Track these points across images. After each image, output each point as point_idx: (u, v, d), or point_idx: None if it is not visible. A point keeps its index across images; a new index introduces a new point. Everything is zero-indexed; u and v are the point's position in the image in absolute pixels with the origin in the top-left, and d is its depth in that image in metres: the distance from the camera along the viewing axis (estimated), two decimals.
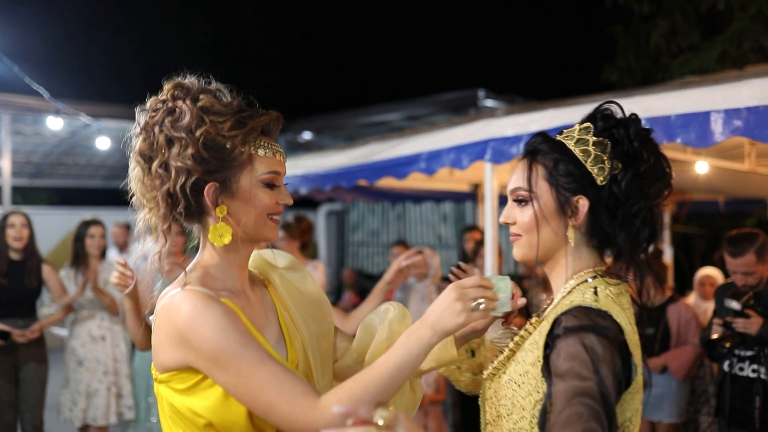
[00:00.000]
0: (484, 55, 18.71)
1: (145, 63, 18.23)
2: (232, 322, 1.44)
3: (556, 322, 1.40)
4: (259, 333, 1.53)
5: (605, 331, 1.34)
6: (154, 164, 1.49)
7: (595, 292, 1.44)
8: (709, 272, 5.80)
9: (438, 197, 8.88)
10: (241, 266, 1.61)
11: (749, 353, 3.76)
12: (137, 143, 1.52)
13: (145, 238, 1.56)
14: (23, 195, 11.92)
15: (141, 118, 1.54)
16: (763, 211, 8.40)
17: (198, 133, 1.47)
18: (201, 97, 1.51)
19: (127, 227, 7.45)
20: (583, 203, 1.48)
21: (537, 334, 1.45)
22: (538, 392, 1.39)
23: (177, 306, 1.45)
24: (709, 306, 5.40)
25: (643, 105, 3.44)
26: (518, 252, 1.56)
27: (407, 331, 1.45)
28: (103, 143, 8.21)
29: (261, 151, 1.54)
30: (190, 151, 1.46)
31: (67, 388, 5.14)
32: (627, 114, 1.53)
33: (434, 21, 20.45)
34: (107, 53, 18.09)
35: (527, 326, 1.51)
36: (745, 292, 3.78)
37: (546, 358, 1.39)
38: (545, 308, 1.57)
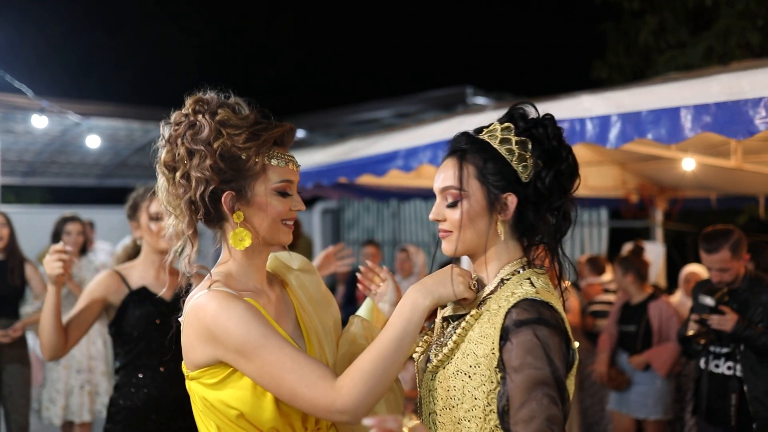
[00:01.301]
0: (475, 52, 18.73)
1: (141, 61, 18.29)
2: (254, 316, 1.54)
3: (507, 315, 1.48)
4: (280, 327, 1.64)
5: (551, 321, 1.46)
6: (177, 174, 1.62)
7: (532, 284, 1.55)
8: (694, 269, 5.79)
9: (432, 195, 8.86)
10: (260, 268, 1.73)
11: (725, 350, 3.75)
12: (162, 154, 1.66)
13: (175, 241, 1.70)
14: (16, 193, 11.93)
15: (165, 131, 1.67)
16: (755, 208, 8.38)
17: (215, 145, 1.59)
18: (219, 111, 1.62)
19: (90, 225, 7.36)
20: (511, 200, 1.58)
21: (487, 326, 1.52)
22: (492, 382, 1.47)
23: (204, 305, 1.57)
24: None
25: (615, 101, 3.45)
26: (449, 248, 1.63)
27: (401, 302, 1.54)
28: (93, 141, 8.20)
29: (274, 161, 1.65)
30: (208, 162, 1.59)
31: (44, 387, 5.15)
32: (541, 114, 1.63)
33: (424, 18, 20.46)
34: (102, 52, 18.10)
35: (468, 318, 1.57)
36: (720, 288, 3.76)
37: (500, 350, 1.47)
38: (480, 299, 1.63)
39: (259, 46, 19.58)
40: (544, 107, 3.85)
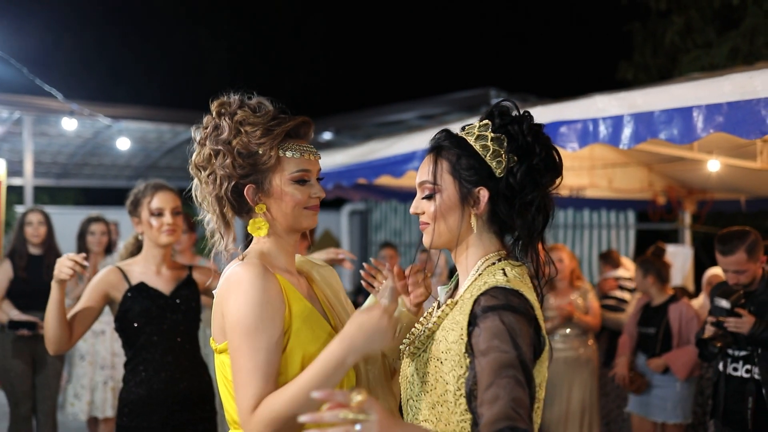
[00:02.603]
0: (499, 53, 18.61)
1: (171, 65, 18.56)
2: (267, 305, 1.64)
3: (476, 302, 1.52)
4: (308, 301, 1.76)
5: (519, 308, 1.49)
6: (205, 174, 1.78)
7: (504, 273, 1.58)
8: (717, 272, 5.70)
9: None
10: (289, 252, 1.85)
11: (743, 353, 3.70)
12: (194, 156, 1.81)
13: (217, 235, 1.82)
14: (50, 195, 12.19)
15: (197, 134, 1.83)
16: None
17: (234, 143, 1.73)
18: (238, 112, 1.76)
19: (115, 225, 7.48)
20: (483, 194, 1.62)
21: (458, 313, 1.57)
22: (461, 367, 1.50)
23: (235, 272, 1.68)
24: None
25: (628, 101, 3.44)
26: (427, 239, 1.70)
27: (330, 351, 1.56)
28: (123, 144, 8.39)
29: (289, 153, 1.77)
30: (228, 160, 1.73)
31: (70, 382, 5.28)
32: (521, 112, 1.66)
33: (449, 21, 20.44)
34: (133, 56, 18.41)
35: (444, 307, 1.63)
36: (736, 291, 3.71)
37: (469, 335, 1.51)
38: (457, 290, 1.70)
39: (288, 49, 19.76)
40: (560, 108, 3.89)
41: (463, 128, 1.71)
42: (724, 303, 3.69)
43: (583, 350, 5.48)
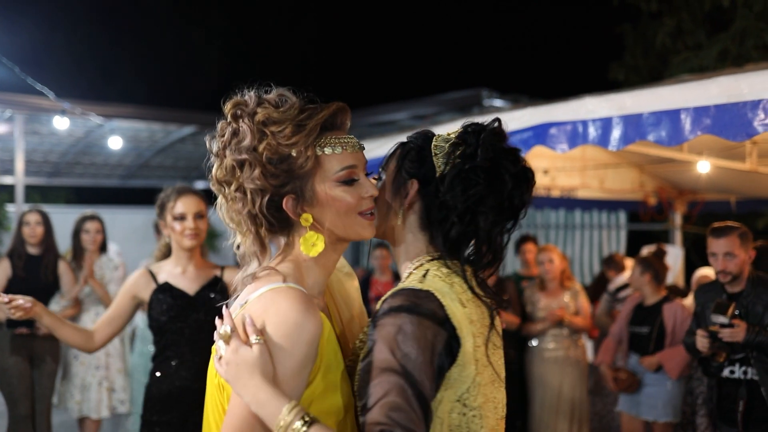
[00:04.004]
0: (491, 54, 18.71)
1: (163, 64, 18.53)
2: (298, 356, 1.37)
3: (383, 303, 1.45)
4: (335, 337, 1.50)
5: (418, 309, 1.40)
6: (232, 189, 1.48)
7: (424, 275, 1.49)
8: (706, 272, 5.74)
9: None
10: (329, 269, 1.57)
11: (739, 355, 3.71)
12: (214, 170, 1.51)
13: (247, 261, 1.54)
14: (42, 194, 12.14)
15: (213, 145, 1.52)
16: None
17: (261, 149, 1.43)
18: (258, 110, 1.46)
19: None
20: (413, 185, 1.56)
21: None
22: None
23: (274, 301, 1.40)
24: None
25: (617, 103, 3.46)
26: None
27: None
28: (115, 143, 8.37)
29: (328, 150, 1.48)
30: (257, 170, 1.43)
31: (64, 380, 5.27)
32: (496, 123, 1.59)
33: (441, 21, 20.50)
34: (126, 55, 18.39)
35: (374, 312, 1.56)
36: (728, 305, 3.71)
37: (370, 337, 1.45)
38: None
39: (280, 48, 19.78)
40: (549, 109, 3.92)
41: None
42: (722, 319, 3.68)
43: (573, 350, 5.52)
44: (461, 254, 1.55)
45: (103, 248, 5.50)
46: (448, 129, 1.69)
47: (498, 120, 1.60)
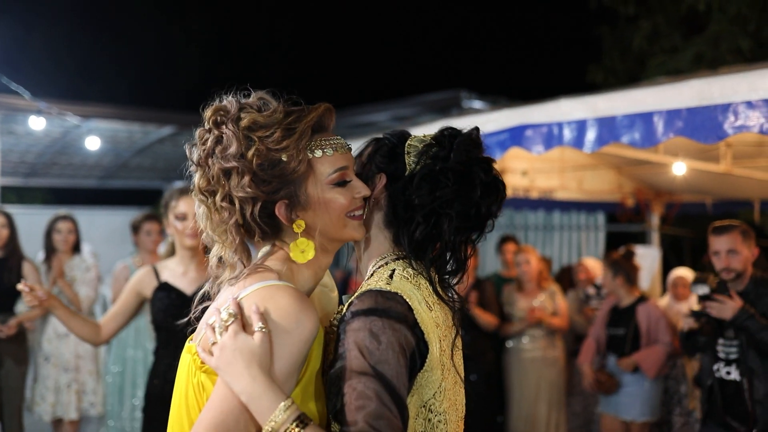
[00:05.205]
0: (470, 56, 18.82)
1: (142, 63, 18.40)
2: (294, 353, 1.36)
3: (350, 305, 1.43)
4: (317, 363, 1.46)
5: (388, 312, 1.37)
6: (217, 198, 1.43)
7: (391, 275, 1.47)
8: (682, 273, 5.81)
9: None
10: (319, 275, 1.54)
11: (734, 356, 3.69)
12: (196, 180, 1.47)
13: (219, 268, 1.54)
14: (18, 194, 12.02)
15: (194, 153, 1.47)
16: (751, 213, 8.38)
17: (250, 156, 1.39)
18: (242, 115, 1.42)
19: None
20: (381, 179, 1.55)
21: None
22: None
23: (273, 297, 1.38)
24: (682, 307, 5.40)
25: (591, 105, 3.50)
26: None
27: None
28: (92, 143, 8.29)
29: (318, 152, 1.46)
30: (247, 178, 1.39)
31: (36, 383, 5.22)
32: (472, 130, 1.58)
33: (421, 22, 20.57)
34: (104, 54, 18.24)
35: (335, 315, 1.54)
36: (709, 275, 3.71)
37: (337, 341, 1.41)
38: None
39: (259, 48, 19.72)
40: (525, 111, 3.95)
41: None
42: (702, 288, 3.68)
43: (550, 350, 5.57)
44: (426, 256, 1.52)
45: (76, 249, 5.44)
46: (426, 130, 1.68)
47: (476, 129, 1.58)
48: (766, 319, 3.51)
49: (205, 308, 1.56)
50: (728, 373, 3.70)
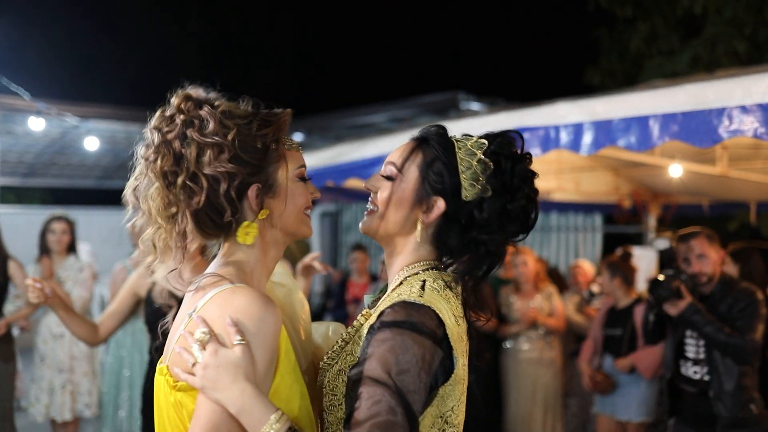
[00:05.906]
0: (468, 58, 18.84)
1: (141, 63, 18.38)
2: (263, 354, 1.36)
3: (380, 315, 1.42)
4: (289, 339, 1.47)
5: (418, 327, 1.37)
6: (180, 179, 1.41)
7: (422, 286, 1.45)
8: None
9: None
10: (270, 269, 1.56)
11: (702, 356, 3.75)
12: (156, 163, 1.43)
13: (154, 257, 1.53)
14: (16, 194, 12.03)
15: (154, 137, 1.45)
16: (747, 215, 8.42)
17: (230, 137, 1.41)
18: (217, 103, 1.46)
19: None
20: (439, 204, 1.52)
21: (366, 326, 1.47)
22: None
23: (231, 302, 1.37)
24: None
25: (588, 109, 3.52)
26: (367, 222, 1.59)
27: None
28: (91, 143, 8.30)
29: (287, 147, 1.52)
30: (225, 155, 1.40)
31: (33, 383, 5.22)
32: (524, 151, 1.56)
33: (419, 24, 20.62)
34: (103, 54, 18.22)
35: (359, 318, 1.55)
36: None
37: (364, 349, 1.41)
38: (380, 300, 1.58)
39: (259, 49, 19.74)
40: (522, 114, 3.97)
41: (464, 134, 1.60)
42: (662, 243, 3.75)
43: (547, 351, 5.59)
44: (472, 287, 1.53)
45: (71, 249, 5.42)
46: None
47: (529, 155, 1.56)
48: (723, 317, 3.60)
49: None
50: (695, 372, 3.78)
